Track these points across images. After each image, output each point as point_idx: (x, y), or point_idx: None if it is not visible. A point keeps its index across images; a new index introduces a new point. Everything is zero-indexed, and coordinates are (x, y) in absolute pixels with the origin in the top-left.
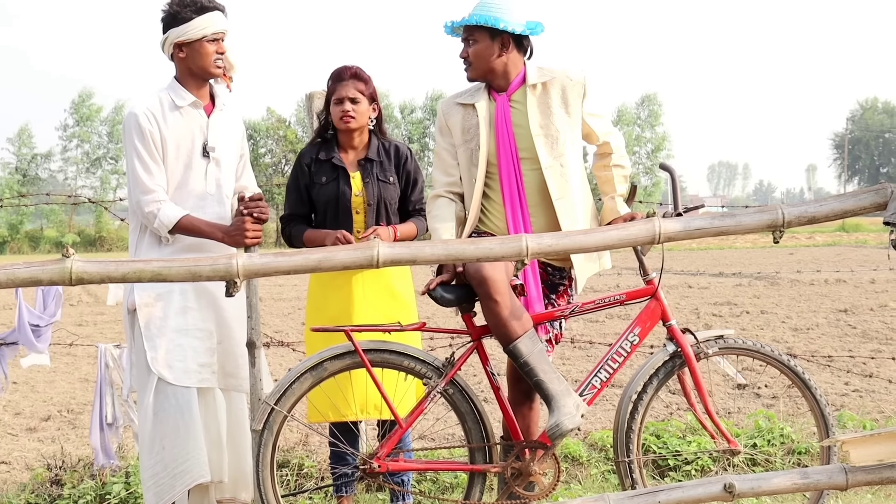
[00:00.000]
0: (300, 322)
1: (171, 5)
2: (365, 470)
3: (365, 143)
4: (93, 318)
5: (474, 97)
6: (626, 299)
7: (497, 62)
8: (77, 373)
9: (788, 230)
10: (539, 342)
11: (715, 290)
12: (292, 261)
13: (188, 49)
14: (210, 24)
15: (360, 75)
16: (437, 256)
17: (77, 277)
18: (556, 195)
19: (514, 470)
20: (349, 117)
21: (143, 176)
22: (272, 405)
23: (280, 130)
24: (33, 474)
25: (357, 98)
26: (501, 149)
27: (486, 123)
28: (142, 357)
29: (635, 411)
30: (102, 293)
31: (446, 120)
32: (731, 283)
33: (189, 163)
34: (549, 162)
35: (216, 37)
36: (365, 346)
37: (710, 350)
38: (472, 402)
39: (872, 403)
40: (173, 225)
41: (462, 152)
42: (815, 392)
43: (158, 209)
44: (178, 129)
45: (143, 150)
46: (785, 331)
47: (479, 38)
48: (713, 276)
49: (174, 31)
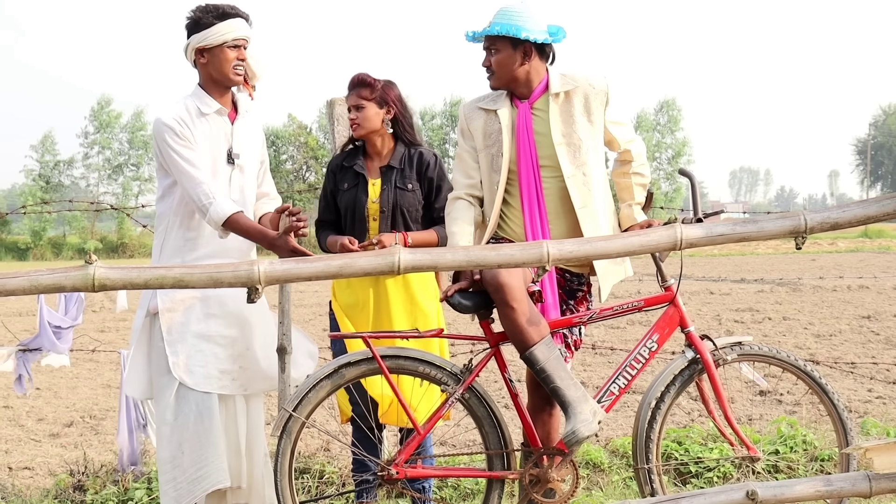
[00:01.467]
0: (321, 328)
1: (194, 11)
2: (383, 476)
3: (390, 150)
4: (115, 325)
5: (496, 103)
6: (644, 305)
7: (520, 70)
8: (99, 378)
9: (811, 236)
10: (555, 349)
11: (737, 296)
12: (313, 267)
13: (209, 55)
14: (231, 31)
15: (365, 81)
16: (459, 263)
17: (100, 284)
18: (580, 204)
19: (533, 477)
20: (354, 124)
21: (190, 170)
22: (290, 412)
23: (301, 137)
24: (56, 480)
25: (361, 104)
26: (522, 156)
27: (508, 130)
28: (162, 362)
29: (654, 418)
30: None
31: (468, 124)
32: (753, 290)
33: (215, 169)
34: (571, 171)
35: (237, 43)
36: (383, 353)
37: (729, 357)
38: (490, 408)
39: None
40: (225, 219)
41: (483, 157)
42: (833, 398)
43: (210, 203)
44: (205, 136)
45: (183, 148)
46: (807, 337)
47: (501, 48)
48: (735, 283)
49: (196, 36)
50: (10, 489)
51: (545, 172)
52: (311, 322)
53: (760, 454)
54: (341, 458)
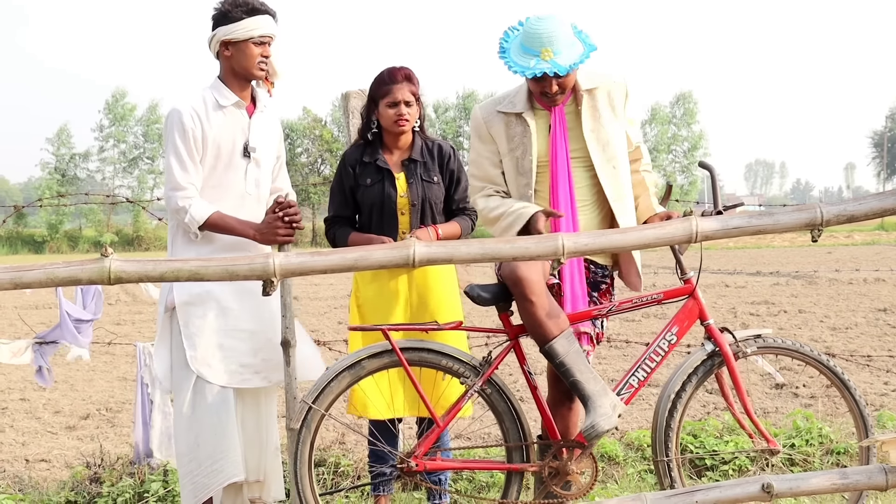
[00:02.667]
0: (336, 321)
1: (224, 4)
2: (402, 469)
3: (409, 144)
4: (131, 317)
5: (516, 106)
6: (663, 298)
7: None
8: (116, 371)
9: (827, 229)
10: (575, 342)
11: (752, 289)
12: (329, 260)
13: (234, 48)
14: (258, 27)
15: (412, 78)
16: (474, 256)
17: (115, 277)
18: (613, 197)
19: (552, 469)
20: (404, 121)
21: (178, 172)
22: (310, 404)
23: (316, 130)
24: (73, 472)
25: (411, 101)
26: (558, 153)
27: (537, 131)
28: (181, 355)
29: (674, 410)
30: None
31: (488, 129)
32: (769, 283)
33: (230, 162)
34: (602, 165)
35: (263, 40)
36: (402, 345)
37: (749, 349)
38: (510, 401)
39: None
40: (203, 221)
41: (508, 160)
42: (853, 392)
43: (189, 205)
44: (220, 129)
45: (183, 147)
46: (823, 330)
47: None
48: (750, 275)
49: (223, 28)
50: (28, 481)
51: (577, 170)
52: (326, 315)
53: (780, 447)
54: (356, 450)
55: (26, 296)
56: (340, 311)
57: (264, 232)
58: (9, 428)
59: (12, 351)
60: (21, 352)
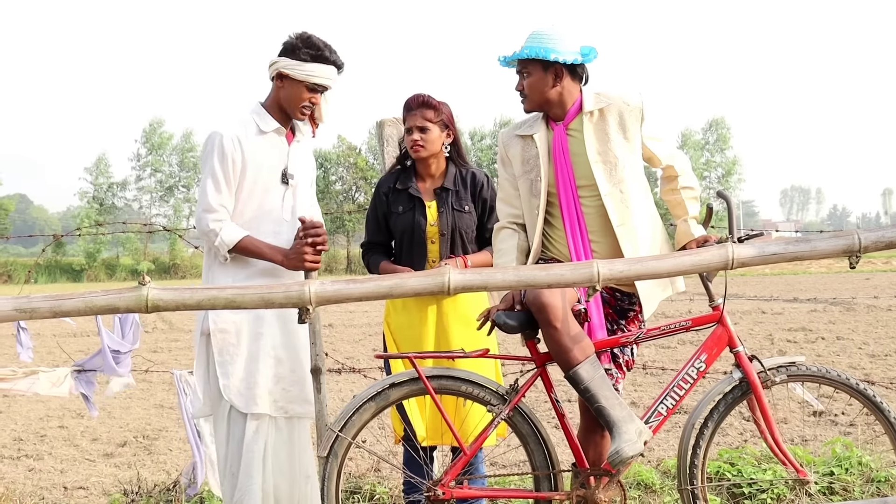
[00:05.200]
0: (371, 348)
1: (297, 38)
2: (429, 497)
3: (442, 171)
4: (167, 345)
5: (532, 128)
6: (691, 325)
7: (552, 92)
8: (153, 399)
9: (865, 255)
10: (600, 368)
11: (789, 315)
12: (364, 288)
13: (287, 83)
14: (317, 75)
15: (429, 103)
16: (509, 283)
17: (153, 305)
18: (617, 221)
19: (580, 498)
20: (418, 146)
21: (212, 194)
22: (337, 432)
23: (350, 158)
24: (110, 500)
25: (426, 126)
26: (560, 178)
27: (545, 153)
28: (215, 384)
29: (700, 439)
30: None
31: (506, 151)
32: (806, 309)
33: (268, 187)
34: (608, 189)
35: (317, 87)
36: (428, 373)
37: (777, 378)
38: (537, 428)
39: None
40: (234, 245)
41: (522, 183)
42: (889, 417)
43: (221, 228)
44: (260, 154)
45: (220, 170)
46: (862, 357)
47: (533, 71)
48: (787, 302)
49: (285, 60)
50: None
51: (584, 192)
52: (361, 342)
53: (810, 477)
54: (391, 478)
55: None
56: (375, 339)
57: (292, 258)
58: (48, 455)
59: (51, 381)
60: (60, 381)
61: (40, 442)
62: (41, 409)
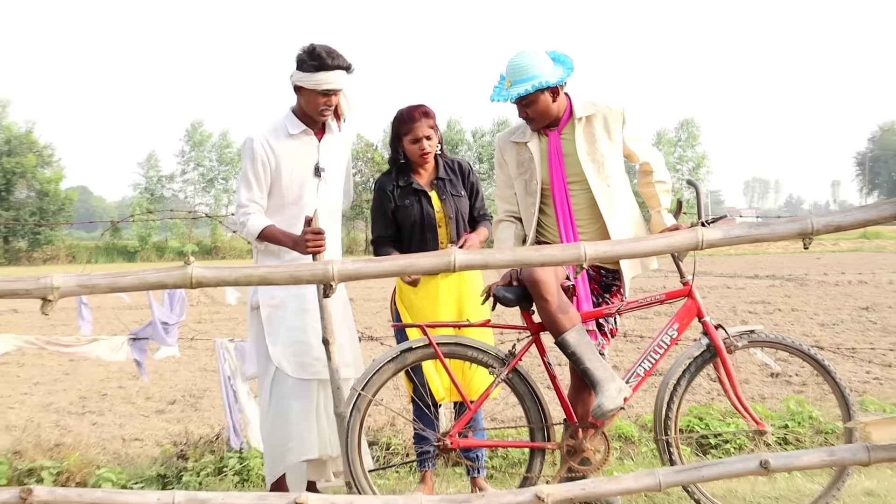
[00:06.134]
0: (386, 319)
1: (303, 52)
2: (439, 446)
3: (433, 165)
4: (210, 317)
5: (525, 136)
6: (665, 299)
7: (553, 108)
8: (197, 363)
9: (816, 237)
10: (586, 335)
11: (750, 290)
12: (380, 266)
13: (303, 92)
14: (324, 82)
15: (428, 113)
16: (507, 262)
17: (197, 281)
18: (607, 212)
19: (570, 447)
20: (428, 153)
21: (243, 192)
22: (359, 391)
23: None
24: (162, 450)
25: (430, 135)
26: (554, 175)
27: (539, 157)
28: (263, 350)
29: (673, 397)
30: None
31: (503, 155)
32: (765, 284)
33: (303, 181)
34: (597, 183)
35: (328, 92)
36: (438, 340)
37: (740, 343)
38: (532, 388)
39: (891, 390)
40: (258, 232)
41: (518, 183)
42: (835, 377)
43: (247, 219)
44: (291, 153)
45: (251, 170)
46: (813, 326)
47: (534, 99)
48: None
49: (297, 74)
50: (125, 457)
51: (574, 187)
52: (378, 314)
53: (768, 428)
54: (405, 431)
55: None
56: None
57: (299, 243)
58: (108, 412)
59: (111, 347)
60: (118, 348)
61: (102, 400)
62: (102, 371)
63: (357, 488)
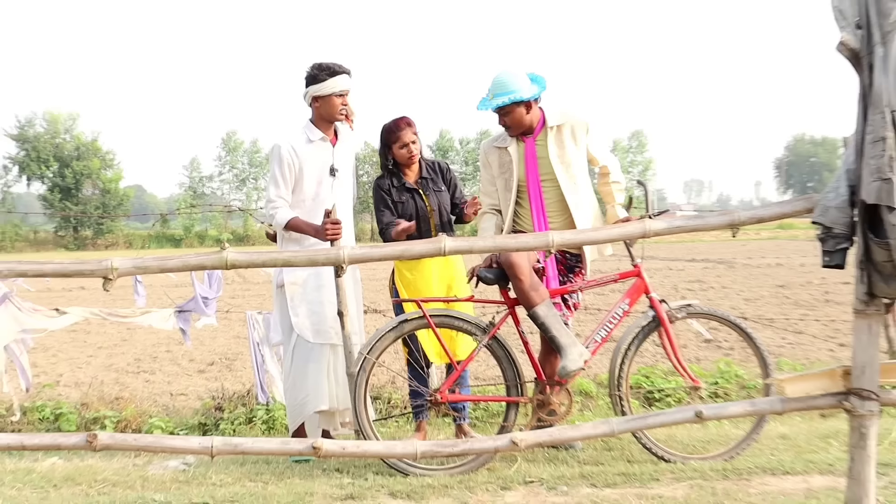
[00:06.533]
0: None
1: (313, 68)
2: (431, 401)
3: (417, 167)
4: (242, 293)
5: (506, 142)
6: (619, 278)
7: (527, 118)
8: (231, 332)
9: (742, 228)
10: (553, 308)
11: (688, 272)
12: (383, 251)
13: (322, 101)
14: (338, 85)
15: (411, 123)
16: (488, 248)
17: (231, 263)
18: (574, 205)
19: (539, 401)
20: (414, 155)
21: (272, 189)
22: (365, 354)
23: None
24: (203, 403)
25: (415, 140)
26: (530, 175)
27: (518, 159)
28: (287, 320)
29: (625, 359)
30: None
31: (487, 158)
32: (701, 267)
33: (321, 181)
34: (566, 182)
35: (342, 93)
36: (430, 313)
37: (679, 315)
38: (508, 352)
39: (801, 353)
40: (285, 223)
41: (499, 181)
42: (757, 343)
43: (276, 213)
44: (312, 157)
45: (279, 172)
46: (739, 301)
47: (511, 110)
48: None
49: (313, 87)
50: (172, 409)
51: (546, 184)
52: (381, 291)
53: (702, 385)
54: (403, 388)
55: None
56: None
57: (320, 231)
58: (158, 371)
59: (160, 318)
60: (166, 319)
61: (153, 361)
62: (153, 338)
63: (363, 435)
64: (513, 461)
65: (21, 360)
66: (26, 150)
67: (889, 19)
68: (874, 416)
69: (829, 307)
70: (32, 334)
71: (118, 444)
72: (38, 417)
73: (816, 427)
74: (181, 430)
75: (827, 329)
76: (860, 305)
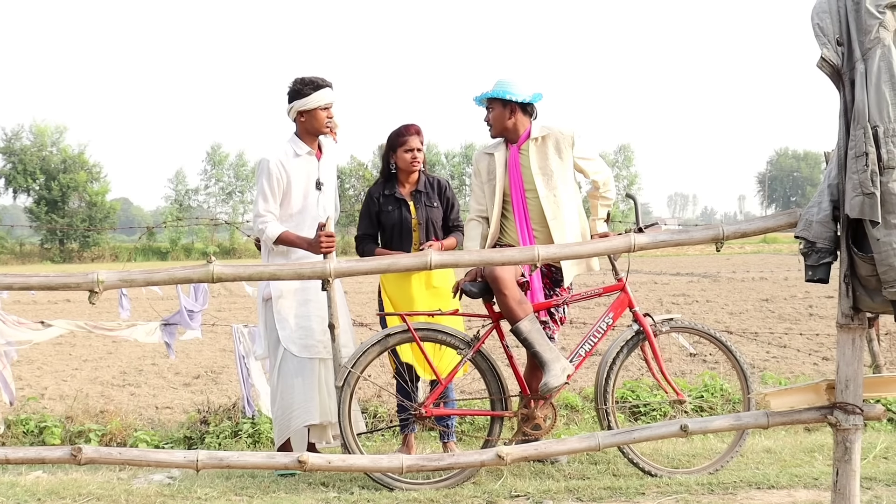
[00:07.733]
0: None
1: (296, 83)
2: (415, 415)
3: (416, 179)
4: (228, 306)
5: (496, 149)
6: (603, 292)
7: (508, 122)
8: (217, 344)
9: (726, 242)
10: (537, 323)
11: (673, 285)
12: (369, 265)
13: (307, 115)
14: (322, 98)
15: (420, 132)
16: (474, 261)
17: (217, 277)
18: (550, 216)
19: (524, 415)
20: (418, 161)
21: (261, 204)
22: (349, 368)
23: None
24: (188, 416)
25: (420, 148)
26: (514, 184)
27: (502, 167)
28: (274, 334)
29: (610, 372)
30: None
31: (477, 165)
32: (685, 280)
33: (307, 193)
34: (545, 193)
35: (326, 106)
36: (415, 326)
37: (664, 329)
38: (493, 366)
39: (786, 366)
40: (276, 237)
41: (487, 188)
42: (737, 357)
43: (265, 227)
44: (299, 171)
45: (267, 186)
46: (723, 314)
47: (496, 107)
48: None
49: (297, 102)
50: (157, 422)
51: (529, 195)
52: (367, 305)
53: (686, 398)
54: (390, 402)
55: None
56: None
57: (313, 245)
58: (143, 384)
59: (146, 331)
60: (152, 332)
61: (138, 374)
62: (139, 351)
63: (349, 449)
64: (499, 475)
65: (3, 373)
66: (13, 162)
67: (869, 36)
68: (858, 430)
69: (813, 321)
70: (17, 346)
71: (103, 457)
72: (23, 431)
73: (801, 441)
74: (166, 443)
75: (811, 343)
76: (844, 320)
